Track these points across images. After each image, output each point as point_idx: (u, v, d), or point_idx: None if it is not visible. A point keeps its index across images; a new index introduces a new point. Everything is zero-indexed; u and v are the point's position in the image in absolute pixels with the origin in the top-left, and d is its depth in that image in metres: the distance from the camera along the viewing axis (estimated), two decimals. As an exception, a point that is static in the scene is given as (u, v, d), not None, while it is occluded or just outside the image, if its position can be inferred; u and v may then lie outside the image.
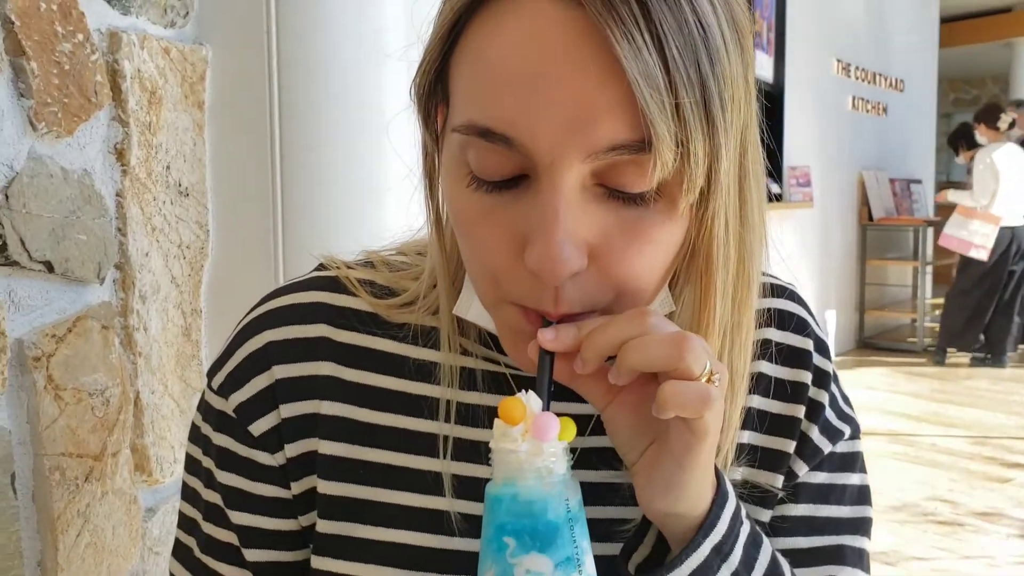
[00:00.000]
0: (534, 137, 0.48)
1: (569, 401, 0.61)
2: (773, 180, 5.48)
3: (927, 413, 4.92)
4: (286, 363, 0.64)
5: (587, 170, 0.49)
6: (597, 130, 0.47)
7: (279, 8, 1.26)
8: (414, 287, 0.65)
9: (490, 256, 0.53)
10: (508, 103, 0.49)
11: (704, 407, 0.50)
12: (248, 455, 0.64)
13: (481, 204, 0.53)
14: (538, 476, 0.48)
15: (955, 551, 3.10)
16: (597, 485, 0.63)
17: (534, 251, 0.49)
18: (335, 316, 0.65)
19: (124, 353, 1.14)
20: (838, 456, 0.69)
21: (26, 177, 0.96)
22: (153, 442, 1.19)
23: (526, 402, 0.49)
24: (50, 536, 0.99)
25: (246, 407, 0.64)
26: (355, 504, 0.62)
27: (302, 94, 1.28)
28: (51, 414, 0.99)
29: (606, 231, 0.51)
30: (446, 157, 0.55)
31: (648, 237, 0.52)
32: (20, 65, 0.94)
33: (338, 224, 1.30)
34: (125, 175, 1.13)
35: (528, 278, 0.51)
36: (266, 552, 0.65)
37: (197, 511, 0.68)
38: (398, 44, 1.31)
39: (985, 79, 11.58)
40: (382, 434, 0.63)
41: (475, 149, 0.51)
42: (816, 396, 0.68)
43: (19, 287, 0.97)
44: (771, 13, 5.43)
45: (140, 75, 1.15)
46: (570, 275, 0.50)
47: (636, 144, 0.48)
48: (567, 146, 0.48)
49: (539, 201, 0.50)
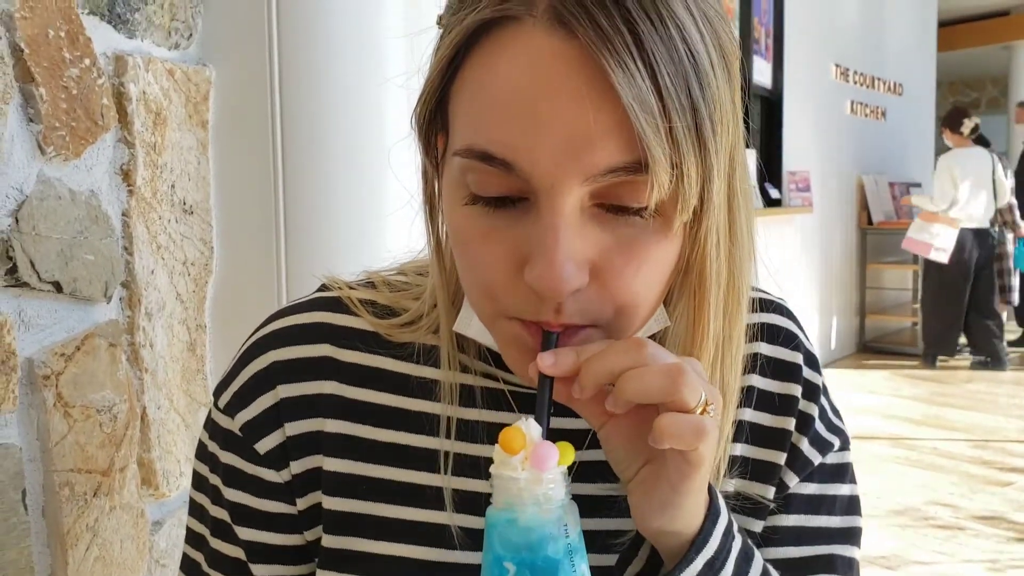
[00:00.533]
0: (533, 162, 0.50)
1: (566, 416, 0.63)
2: (772, 185, 5.50)
3: (928, 417, 4.93)
4: (290, 382, 0.66)
5: (585, 192, 0.51)
6: (594, 154, 0.50)
7: (281, 29, 1.28)
8: (415, 307, 0.67)
9: (488, 272, 0.55)
10: (508, 130, 0.51)
11: (698, 440, 0.51)
12: (255, 472, 0.66)
13: (480, 222, 0.54)
14: (536, 504, 0.50)
15: (956, 555, 3.11)
16: (593, 497, 0.64)
17: (535, 270, 0.51)
18: (338, 336, 0.67)
19: (131, 369, 1.16)
20: (828, 467, 0.71)
21: (35, 200, 0.98)
22: (159, 456, 1.22)
23: (526, 431, 0.51)
24: (60, 551, 1.01)
25: (252, 425, 0.66)
26: (358, 519, 0.64)
27: (304, 113, 1.30)
28: (60, 431, 1.01)
29: (605, 249, 0.53)
30: (446, 181, 0.58)
31: (645, 255, 0.54)
32: (29, 91, 0.96)
33: (340, 240, 1.32)
34: (131, 195, 1.16)
35: (527, 293, 0.53)
36: (272, 567, 0.67)
37: (204, 527, 0.70)
38: (398, 65, 1.34)
39: (984, 82, 11.60)
40: (383, 450, 0.65)
41: (475, 172, 0.53)
42: (806, 409, 0.70)
43: (28, 307, 0.99)
44: (769, 19, 5.46)
45: (145, 97, 1.17)
46: (571, 293, 0.52)
47: (632, 165, 0.50)
48: (566, 170, 0.50)
49: (539, 222, 0.52)
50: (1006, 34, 9.38)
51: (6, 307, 0.95)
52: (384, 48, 1.33)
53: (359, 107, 1.31)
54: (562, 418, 0.64)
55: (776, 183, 5.55)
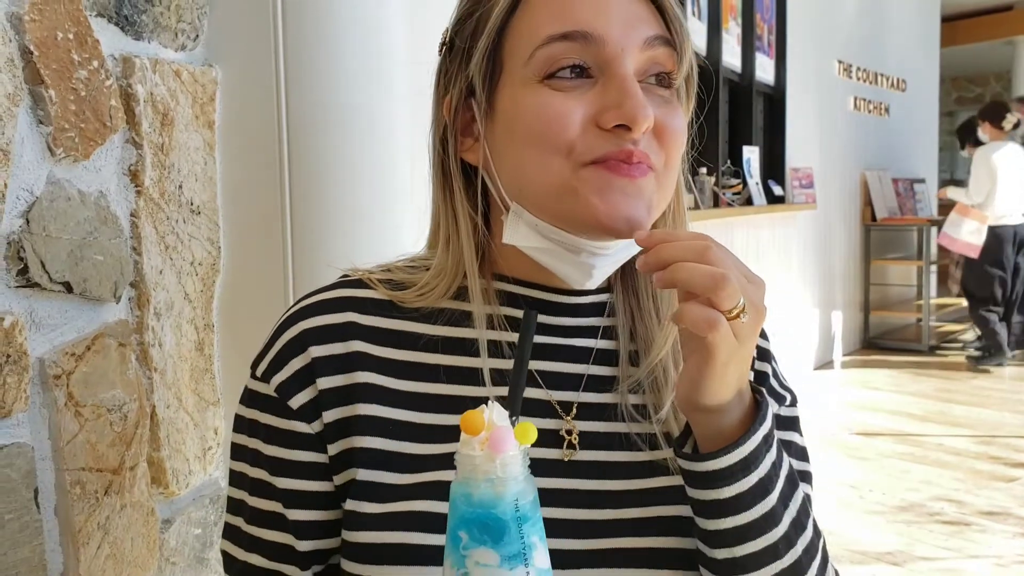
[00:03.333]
0: (607, 31, 0.68)
1: (561, 361, 0.77)
2: (776, 182, 5.50)
3: (933, 413, 4.93)
4: (320, 343, 0.73)
5: (639, 60, 0.69)
6: (645, 28, 0.69)
7: (286, 28, 1.29)
8: (426, 277, 0.77)
9: (568, 128, 0.67)
10: (582, 12, 0.68)
11: (709, 329, 0.60)
12: (288, 427, 0.73)
13: (555, 91, 0.68)
14: (489, 481, 0.55)
15: (962, 551, 3.11)
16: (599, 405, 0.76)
17: (623, 107, 0.66)
18: (360, 305, 0.76)
19: (140, 369, 1.17)
20: (784, 418, 0.82)
21: (45, 201, 0.99)
22: (169, 455, 1.23)
23: (487, 416, 0.56)
24: (72, 549, 1.02)
25: (286, 385, 0.73)
26: (391, 456, 0.71)
27: (310, 112, 1.31)
28: (71, 430, 1.02)
29: (654, 106, 0.68)
30: (510, 89, 0.71)
31: (675, 118, 0.71)
32: (39, 93, 0.97)
33: (346, 239, 1.33)
34: (139, 196, 1.16)
35: (606, 136, 0.67)
36: (307, 512, 0.73)
37: (243, 491, 0.76)
38: (404, 64, 1.34)
39: (988, 77, 11.58)
40: (407, 398, 0.73)
41: (554, 52, 0.68)
42: (760, 368, 0.82)
43: (39, 307, 1.00)
44: (772, 16, 5.45)
45: (153, 98, 1.18)
46: (648, 126, 0.67)
47: (666, 39, 0.70)
48: (629, 38, 0.68)
49: (614, 81, 0.68)
50: (1009, 29, 9.36)
51: (17, 307, 0.96)
52: (390, 48, 1.33)
53: (365, 106, 1.31)
54: (553, 362, 0.76)
55: (779, 180, 5.55)
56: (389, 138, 1.33)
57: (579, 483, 0.72)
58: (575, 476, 0.73)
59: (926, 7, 7.85)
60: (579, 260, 0.72)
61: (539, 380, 0.75)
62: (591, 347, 0.78)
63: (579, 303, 0.78)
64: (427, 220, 0.81)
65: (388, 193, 1.33)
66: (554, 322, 0.77)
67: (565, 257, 0.72)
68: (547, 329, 0.76)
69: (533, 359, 0.74)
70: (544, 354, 0.76)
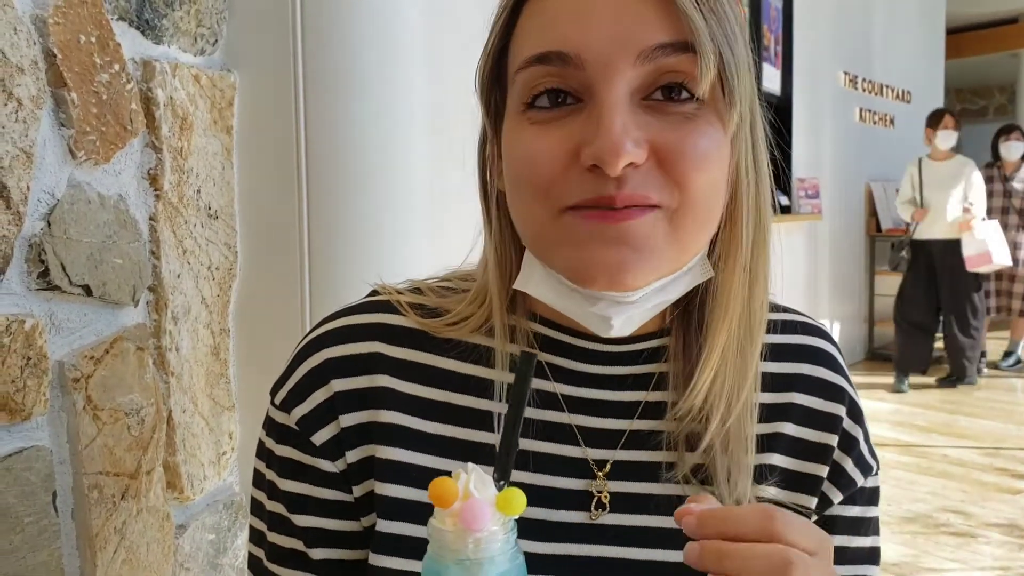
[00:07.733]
0: (585, 46, 0.56)
1: (598, 417, 0.67)
2: (782, 192, 5.50)
3: (938, 424, 4.91)
4: (343, 377, 0.68)
5: (637, 75, 0.56)
6: (644, 32, 0.55)
7: (305, 33, 1.29)
8: (460, 307, 0.70)
9: (545, 166, 0.58)
10: (561, 28, 0.57)
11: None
12: (312, 463, 0.68)
13: (535, 127, 0.59)
14: (460, 564, 0.46)
15: (968, 562, 3.10)
16: (636, 496, 0.67)
17: (593, 145, 0.55)
18: (388, 334, 0.70)
19: (157, 373, 1.17)
20: (868, 491, 0.73)
21: (66, 204, 0.99)
22: (184, 460, 1.22)
23: (460, 483, 0.48)
24: (89, 553, 1.02)
25: (307, 419, 0.68)
26: (410, 505, 0.66)
27: (327, 118, 1.31)
28: (89, 434, 1.01)
29: (660, 130, 0.57)
30: (506, 120, 0.62)
31: (698, 136, 0.57)
32: (61, 96, 0.97)
33: (363, 244, 1.33)
34: (158, 199, 1.16)
35: (585, 177, 0.57)
36: (330, 551, 0.69)
37: (263, 523, 0.72)
38: (422, 69, 1.35)
39: (992, 89, 11.58)
40: (432, 441, 0.67)
41: (532, 77, 0.58)
42: (851, 429, 0.72)
43: (59, 310, 0.99)
44: (778, 27, 5.46)
45: (172, 102, 1.18)
46: (628, 162, 0.55)
47: (679, 44, 0.55)
48: (617, 52, 0.55)
49: (595, 108, 0.56)
50: (1014, 42, 9.36)
51: (38, 310, 0.96)
52: (407, 52, 1.33)
53: (383, 111, 1.31)
54: (594, 418, 0.68)
55: (785, 190, 5.55)
56: (407, 144, 1.33)
57: (602, 550, 0.65)
58: (599, 541, 0.66)
59: (931, 20, 7.85)
60: (594, 311, 0.61)
61: (578, 437, 0.67)
62: (638, 400, 0.69)
63: (622, 351, 0.69)
64: (445, 227, 0.78)
65: (405, 199, 1.33)
66: (594, 371, 0.69)
67: (583, 305, 0.62)
68: (587, 380, 0.69)
69: (573, 412, 0.68)
70: (584, 408, 0.68)
